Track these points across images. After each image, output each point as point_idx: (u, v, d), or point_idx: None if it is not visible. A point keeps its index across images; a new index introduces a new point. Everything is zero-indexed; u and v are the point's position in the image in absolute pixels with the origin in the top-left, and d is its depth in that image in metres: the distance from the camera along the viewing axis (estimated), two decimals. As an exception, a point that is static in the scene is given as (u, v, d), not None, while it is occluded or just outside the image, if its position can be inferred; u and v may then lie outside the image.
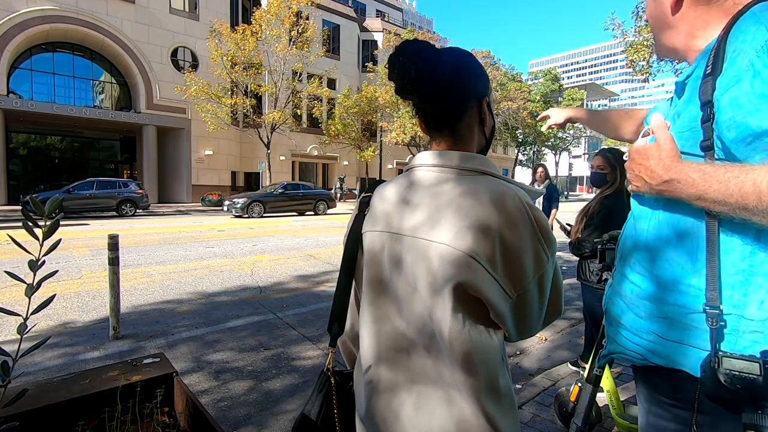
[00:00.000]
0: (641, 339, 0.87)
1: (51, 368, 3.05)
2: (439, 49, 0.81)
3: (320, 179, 32.15)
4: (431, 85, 0.78)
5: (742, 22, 0.71)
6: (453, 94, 0.79)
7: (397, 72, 0.79)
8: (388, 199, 0.81)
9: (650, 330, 0.85)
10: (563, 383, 2.77)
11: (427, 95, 0.79)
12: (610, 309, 0.98)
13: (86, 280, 5.67)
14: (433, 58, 0.78)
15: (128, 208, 15.94)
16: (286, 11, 22.00)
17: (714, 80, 0.71)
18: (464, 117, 0.80)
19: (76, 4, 20.07)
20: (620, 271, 0.95)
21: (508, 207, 0.70)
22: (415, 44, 0.78)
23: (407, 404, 0.75)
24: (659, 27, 0.89)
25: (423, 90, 0.78)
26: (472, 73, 0.80)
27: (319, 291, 5.38)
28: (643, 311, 0.86)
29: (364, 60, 32.14)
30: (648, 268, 0.86)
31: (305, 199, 18.17)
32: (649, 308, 0.85)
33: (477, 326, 0.72)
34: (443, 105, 0.79)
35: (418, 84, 0.78)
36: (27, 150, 23.68)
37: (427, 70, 0.77)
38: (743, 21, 0.70)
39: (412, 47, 0.78)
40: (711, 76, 0.72)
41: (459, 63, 0.80)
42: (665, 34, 0.88)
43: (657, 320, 0.84)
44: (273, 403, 2.64)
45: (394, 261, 0.76)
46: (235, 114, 23.98)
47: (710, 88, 0.71)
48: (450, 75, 0.78)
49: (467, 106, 0.80)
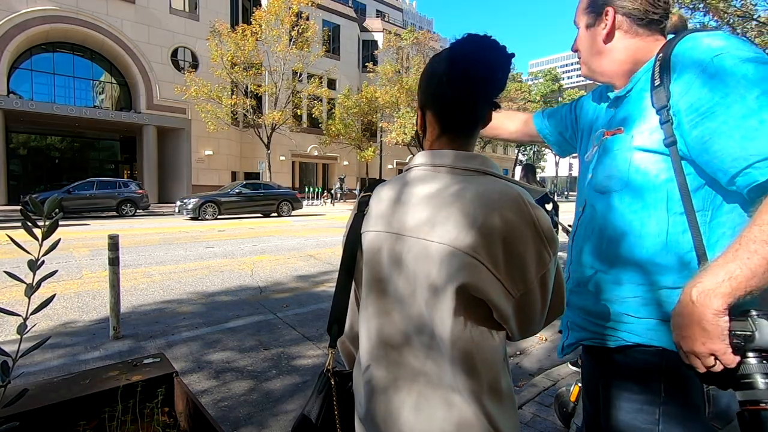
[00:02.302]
0: (614, 322, 0.94)
1: (51, 368, 3.05)
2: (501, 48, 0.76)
3: (320, 179, 32.17)
4: (495, 85, 0.76)
5: (684, 44, 0.87)
6: (496, 95, 0.78)
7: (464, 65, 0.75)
8: (388, 199, 0.80)
9: (624, 312, 0.93)
10: (563, 383, 2.76)
11: (483, 93, 0.77)
12: (573, 301, 1.04)
13: (86, 280, 5.67)
14: (502, 59, 0.75)
15: (128, 208, 15.92)
16: (286, 11, 22.01)
17: (666, 89, 0.85)
18: (485, 118, 0.81)
19: (76, 4, 20.07)
20: (580, 263, 1.02)
21: (510, 207, 0.69)
22: (491, 41, 0.75)
23: (407, 405, 0.74)
24: (591, 54, 1.04)
25: (482, 88, 0.76)
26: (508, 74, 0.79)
27: (319, 291, 5.38)
28: (614, 296, 0.94)
29: (364, 60, 32.14)
30: (617, 255, 0.93)
31: (266, 199, 16.70)
32: (620, 292, 0.93)
33: (479, 327, 0.72)
34: (487, 106, 0.79)
35: (482, 81, 0.75)
36: (27, 150, 23.69)
37: (494, 71, 0.75)
38: (685, 43, 0.86)
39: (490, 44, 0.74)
40: (661, 86, 0.87)
41: (509, 64, 0.78)
42: (596, 60, 1.04)
43: (627, 301, 0.92)
44: (273, 403, 2.64)
45: (394, 261, 0.76)
46: (235, 114, 23.98)
47: (664, 95, 0.86)
48: (505, 77, 0.77)
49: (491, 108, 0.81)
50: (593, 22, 1.01)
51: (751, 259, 0.71)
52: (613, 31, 0.98)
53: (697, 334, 0.75)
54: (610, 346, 0.96)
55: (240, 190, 16.21)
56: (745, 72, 0.77)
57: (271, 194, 17.02)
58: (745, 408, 0.75)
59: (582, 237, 1.03)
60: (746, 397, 0.75)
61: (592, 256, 0.99)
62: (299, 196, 18.49)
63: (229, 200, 15.69)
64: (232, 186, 16.80)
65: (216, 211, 15.14)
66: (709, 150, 0.79)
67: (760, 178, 0.74)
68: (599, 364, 1.05)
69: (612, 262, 0.95)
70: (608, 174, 0.96)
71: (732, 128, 0.76)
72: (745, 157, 0.75)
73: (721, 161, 0.78)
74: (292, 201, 17.57)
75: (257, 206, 16.58)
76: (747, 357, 0.76)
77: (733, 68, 0.78)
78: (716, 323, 0.73)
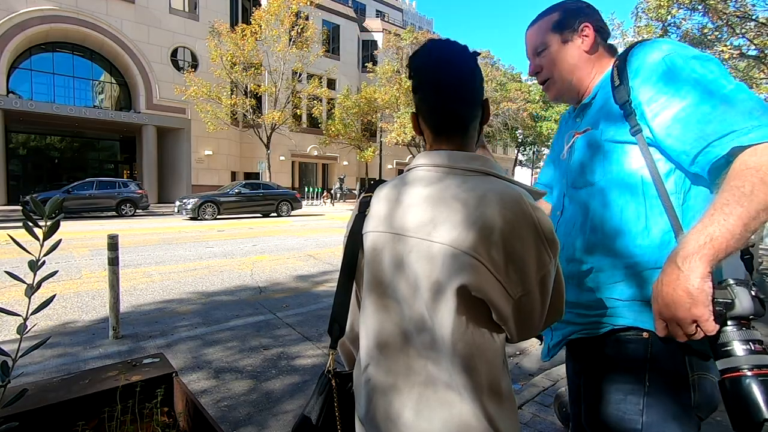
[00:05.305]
0: (598, 310, 0.98)
1: (51, 368, 3.05)
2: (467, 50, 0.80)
3: (320, 179, 32.15)
4: (465, 87, 0.78)
5: (637, 49, 0.97)
6: (476, 96, 0.79)
7: (429, 74, 0.78)
8: (390, 199, 0.80)
9: (608, 296, 0.97)
10: (563, 383, 2.76)
11: (458, 98, 0.78)
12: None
13: (86, 280, 5.67)
14: (465, 59, 0.78)
15: (128, 208, 15.89)
16: (285, 11, 21.99)
17: (626, 86, 0.94)
18: (475, 119, 0.81)
19: (76, 4, 20.05)
20: (562, 259, 1.04)
21: (511, 207, 0.69)
22: (451, 45, 0.78)
23: (408, 406, 0.74)
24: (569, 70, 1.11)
25: (454, 92, 0.78)
26: (480, 74, 0.81)
27: (319, 291, 5.37)
28: (598, 284, 0.98)
29: (364, 60, 32.11)
30: (601, 244, 0.98)
31: (266, 199, 16.68)
32: (604, 278, 0.97)
33: (479, 328, 0.72)
34: (466, 107, 0.79)
35: (450, 86, 0.77)
36: (27, 150, 23.66)
37: (463, 74, 0.77)
38: (638, 49, 0.96)
39: (450, 48, 0.78)
40: (621, 85, 0.95)
41: (476, 63, 0.80)
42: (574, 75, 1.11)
43: (612, 286, 0.96)
44: (273, 403, 2.63)
45: (395, 262, 0.76)
46: (234, 114, 23.97)
47: (624, 92, 0.94)
48: (473, 76, 0.79)
49: (479, 108, 0.81)
50: (570, 38, 1.09)
51: (727, 221, 0.75)
52: (595, 42, 1.08)
53: (683, 299, 0.76)
54: (598, 334, 0.98)
55: (239, 190, 16.15)
56: (693, 67, 0.87)
57: (270, 194, 16.98)
58: (725, 376, 0.76)
59: (563, 234, 1.06)
60: (726, 365, 0.77)
61: (574, 249, 1.03)
62: (299, 196, 18.44)
63: (229, 200, 15.62)
64: (231, 186, 16.72)
65: (215, 211, 15.07)
66: (671, 134, 0.87)
67: (720, 152, 0.80)
68: (582, 360, 1.06)
69: (594, 251, 0.99)
70: (583, 169, 1.02)
71: (689, 114, 0.84)
72: (704, 137, 0.82)
73: (682, 143, 0.85)
74: (292, 201, 17.53)
75: (257, 206, 16.54)
76: (726, 325, 0.77)
77: (683, 64, 0.88)
78: (702, 287, 0.75)
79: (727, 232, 0.74)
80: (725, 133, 0.79)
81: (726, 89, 0.83)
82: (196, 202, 14.65)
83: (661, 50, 0.92)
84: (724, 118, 0.80)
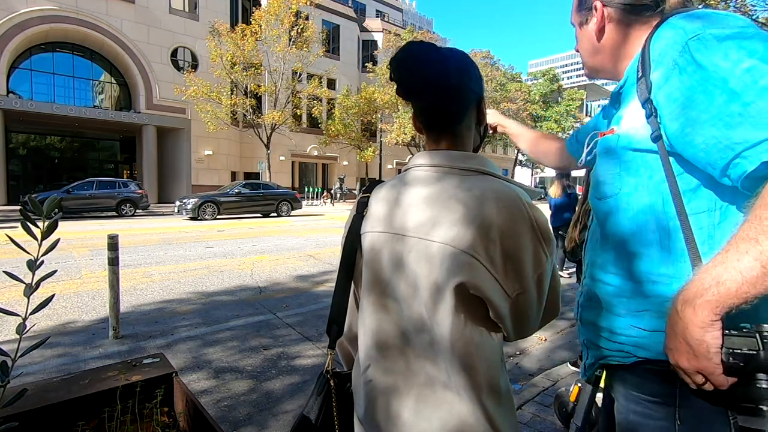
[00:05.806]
0: (625, 337, 0.86)
1: (51, 368, 3.05)
2: (444, 50, 0.81)
3: (320, 179, 32.15)
4: (441, 86, 0.78)
5: (661, 30, 0.80)
6: (459, 95, 0.80)
7: (404, 73, 0.79)
8: (388, 199, 0.81)
9: (633, 325, 0.84)
10: (563, 383, 2.76)
11: (436, 97, 0.79)
12: (585, 316, 0.97)
13: (86, 280, 5.67)
14: (442, 60, 0.79)
15: (128, 208, 15.90)
16: (285, 11, 22.00)
17: (647, 80, 0.79)
18: (466, 117, 0.81)
19: (76, 4, 20.06)
20: (590, 276, 0.95)
21: (508, 206, 0.70)
22: (423, 45, 0.79)
23: (406, 405, 0.74)
24: (589, 52, 1.00)
25: (431, 92, 0.79)
26: (473, 74, 0.81)
27: (319, 291, 5.38)
28: (623, 309, 0.86)
29: (364, 60, 32.13)
30: (620, 265, 0.86)
31: (266, 199, 16.67)
32: (628, 305, 0.85)
33: (478, 327, 0.72)
34: (449, 106, 0.80)
35: (427, 85, 0.78)
36: (27, 150, 23.68)
37: (437, 72, 0.78)
38: (662, 29, 0.80)
39: (420, 48, 0.79)
40: (643, 77, 0.80)
41: (463, 64, 0.81)
42: (595, 59, 1.00)
43: (638, 315, 0.83)
44: (273, 403, 2.64)
45: (394, 261, 0.76)
46: (234, 114, 23.98)
47: (645, 87, 0.79)
48: (457, 75, 0.79)
49: (469, 107, 0.81)
50: (585, 19, 0.97)
51: (741, 261, 0.61)
52: (603, 26, 0.92)
53: (682, 348, 0.68)
54: (624, 364, 0.87)
55: (239, 190, 16.15)
56: (724, 52, 0.68)
57: (270, 194, 16.96)
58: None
59: (590, 249, 0.98)
60: (751, 425, 0.68)
61: (596, 267, 0.93)
62: (299, 196, 18.44)
63: (229, 200, 15.62)
64: (231, 186, 16.74)
65: (215, 211, 15.06)
66: (693, 143, 0.71)
67: (748, 167, 0.64)
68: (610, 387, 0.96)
69: (613, 272, 0.88)
70: (602, 179, 0.90)
71: (714, 116, 0.68)
72: (731, 146, 0.66)
73: (707, 154, 0.69)
74: (292, 201, 17.51)
75: (257, 206, 16.53)
76: (757, 379, 0.65)
77: (710, 49, 0.70)
78: (702, 339, 0.64)
79: (739, 275, 0.61)
80: (757, 141, 0.63)
81: (761, 83, 0.64)
82: (196, 202, 14.69)
83: (685, 31, 0.74)
84: (757, 122, 0.64)
